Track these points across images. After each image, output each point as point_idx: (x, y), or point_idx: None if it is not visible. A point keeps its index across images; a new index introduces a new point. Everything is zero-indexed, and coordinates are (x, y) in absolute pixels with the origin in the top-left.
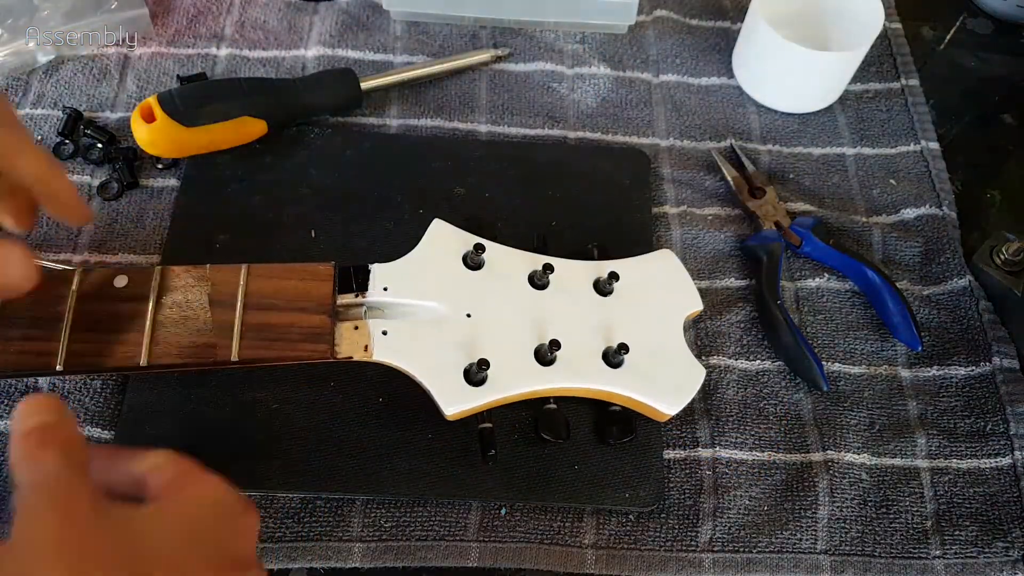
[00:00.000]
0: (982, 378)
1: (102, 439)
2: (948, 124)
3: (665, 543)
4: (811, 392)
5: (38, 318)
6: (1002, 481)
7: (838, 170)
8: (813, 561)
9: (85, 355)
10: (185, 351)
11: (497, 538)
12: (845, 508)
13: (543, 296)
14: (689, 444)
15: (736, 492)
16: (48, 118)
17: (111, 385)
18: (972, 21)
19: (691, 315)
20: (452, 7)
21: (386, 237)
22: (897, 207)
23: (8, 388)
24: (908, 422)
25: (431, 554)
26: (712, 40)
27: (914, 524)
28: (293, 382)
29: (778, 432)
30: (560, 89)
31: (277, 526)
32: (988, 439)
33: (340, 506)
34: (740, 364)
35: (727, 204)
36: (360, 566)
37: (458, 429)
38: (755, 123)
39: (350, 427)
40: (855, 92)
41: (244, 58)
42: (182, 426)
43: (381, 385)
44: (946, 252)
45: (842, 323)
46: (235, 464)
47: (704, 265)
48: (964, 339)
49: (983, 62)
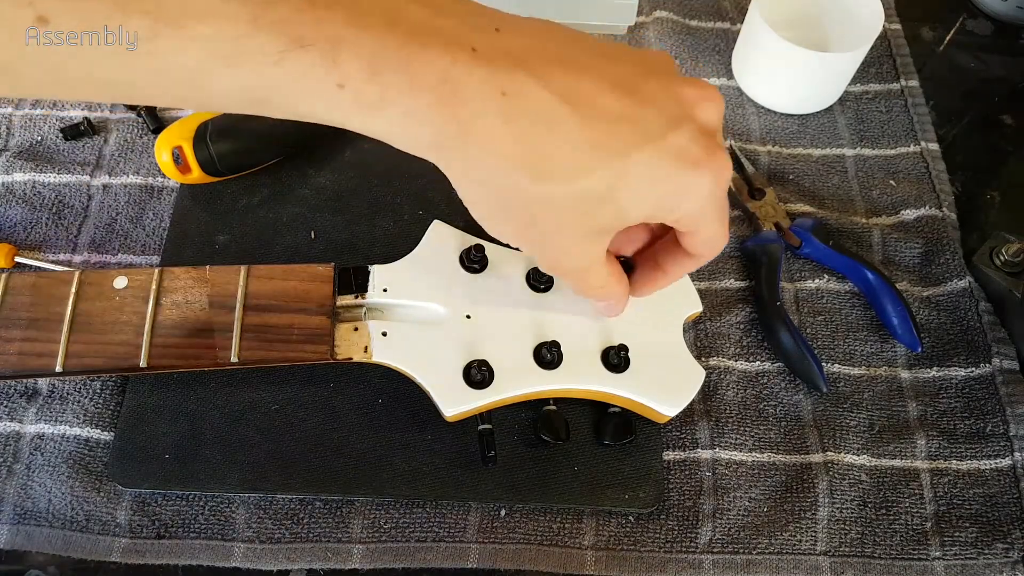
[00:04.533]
0: (982, 379)
1: (102, 440)
2: (948, 125)
3: (665, 544)
4: (811, 393)
5: (38, 319)
6: (1002, 482)
7: (838, 171)
8: (813, 562)
9: (85, 356)
10: (185, 352)
11: (497, 539)
12: (845, 509)
13: (542, 297)
14: (689, 445)
15: (736, 493)
16: (47, 118)
17: (111, 386)
18: (972, 22)
19: (691, 316)
20: None
21: (386, 238)
22: (897, 208)
23: (8, 389)
24: (908, 423)
25: (431, 555)
26: (712, 41)
27: (914, 525)
28: (293, 383)
29: (778, 433)
30: None
31: (276, 527)
32: (988, 440)
33: (340, 507)
34: (740, 365)
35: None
36: (360, 567)
37: (458, 430)
38: (755, 124)
39: (350, 428)
40: (855, 93)
41: None
42: (182, 426)
43: (381, 386)
44: (946, 253)
45: (842, 324)
46: (235, 465)
47: (704, 266)
48: (964, 340)
49: (983, 63)
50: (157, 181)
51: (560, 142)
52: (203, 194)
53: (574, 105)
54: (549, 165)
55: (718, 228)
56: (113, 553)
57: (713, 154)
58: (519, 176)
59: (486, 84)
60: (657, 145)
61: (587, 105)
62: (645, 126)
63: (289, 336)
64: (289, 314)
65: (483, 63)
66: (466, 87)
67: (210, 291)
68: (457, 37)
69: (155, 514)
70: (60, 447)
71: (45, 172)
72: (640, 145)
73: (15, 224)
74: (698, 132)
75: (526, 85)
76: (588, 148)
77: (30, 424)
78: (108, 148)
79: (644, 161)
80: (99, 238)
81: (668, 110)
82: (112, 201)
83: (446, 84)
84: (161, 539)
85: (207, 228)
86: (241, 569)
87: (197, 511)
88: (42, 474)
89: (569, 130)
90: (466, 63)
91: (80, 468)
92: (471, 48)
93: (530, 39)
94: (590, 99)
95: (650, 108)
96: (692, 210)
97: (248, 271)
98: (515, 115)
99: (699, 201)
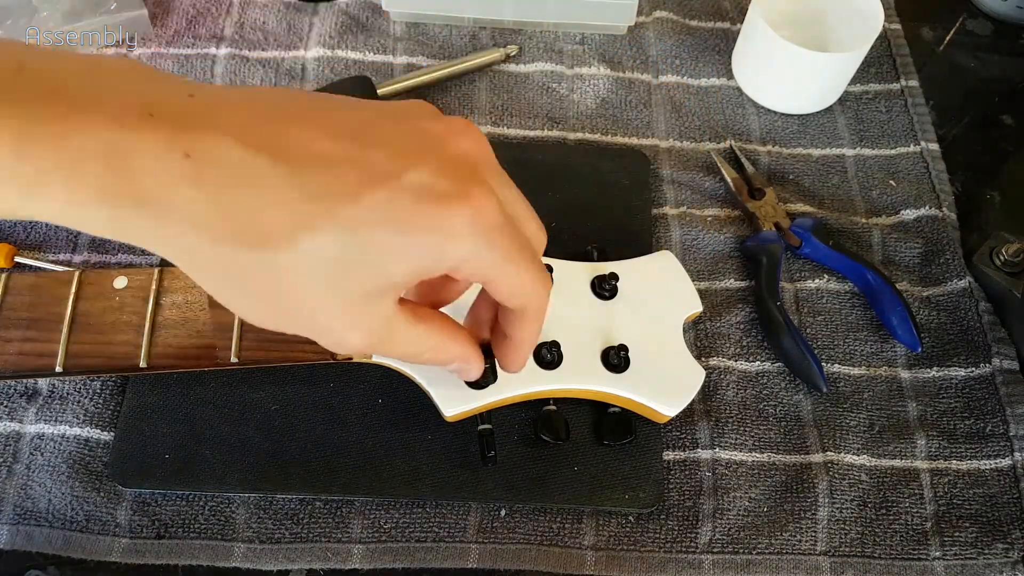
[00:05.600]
0: (982, 379)
1: (102, 440)
2: (948, 125)
3: (665, 544)
4: (811, 393)
5: (38, 319)
6: (1002, 482)
7: (838, 171)
8: (813, 562)
9: (85, 356)
10: (185, 352)
11: (496, 539)
12: (845, 509)
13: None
14: (689, 445)
15: (736, 493)
16: None
17: (111, 386)
18: (972, 22)
19: (691, 316)
20: (452, 8)
21: None
22: (897, 208)
23: (8, 389)
24: (908, 423)
25: (430, 555)
26: (712, 41)
27: (914, 525)
28: (293, 383)
29: (778, 433)
30: (560, 90)
31: (276, 527)
32: (988, 440)
33: (339, 507)
34: (740, 365)
35: (727, 205)
36: (359, 567)
37: (457, 430)
38: (755, 124)
39: (349, 428)
40: (855, 93)
41: (244, 59)
42: (182, 427)
43: (380, 386)
44: (946, 253)
45: (842, 324)
46: (234, 465)
47: (704, 266)
48: (964, 340)
49: (983, 63)
50: None
51: (264, 199)
52: None
53: (277, 156)
54: (259, 228)
55: (512, 272)
56: (113, 553)
57: (466, 187)
58: (227, 245)
59: (166, 149)
60: (390, 185)
61: (296, 154)
62: (373, 167)
63: (289, 336)
64: None
65: (161, 127)
66: (140, 155)
67: None
68: (132, 106)
69: (155, 514)
70: (60, 447)
71: None
72: (369, 186)
73: (15, 224)
74: (446, 166)
75: (215, 143)
76: (301, 200)
77: (30, 424)
78: None
79: (377, 205)
80: (99, 238)
81: (404, 148)
82: None
83: (114, 155)
84: (161, 539)
85: None
86: (241, 569)
87: (197, 511)
88: (42, 474)
89: (274, 184)
90: (137, 129)
91: (80, 468)
92: (148, 115)
93: (235, 100)
94: (301, 147)
95: (380, 148)
96: (464, 255)
97: None
98: (204, 177)
99: (465, 243)
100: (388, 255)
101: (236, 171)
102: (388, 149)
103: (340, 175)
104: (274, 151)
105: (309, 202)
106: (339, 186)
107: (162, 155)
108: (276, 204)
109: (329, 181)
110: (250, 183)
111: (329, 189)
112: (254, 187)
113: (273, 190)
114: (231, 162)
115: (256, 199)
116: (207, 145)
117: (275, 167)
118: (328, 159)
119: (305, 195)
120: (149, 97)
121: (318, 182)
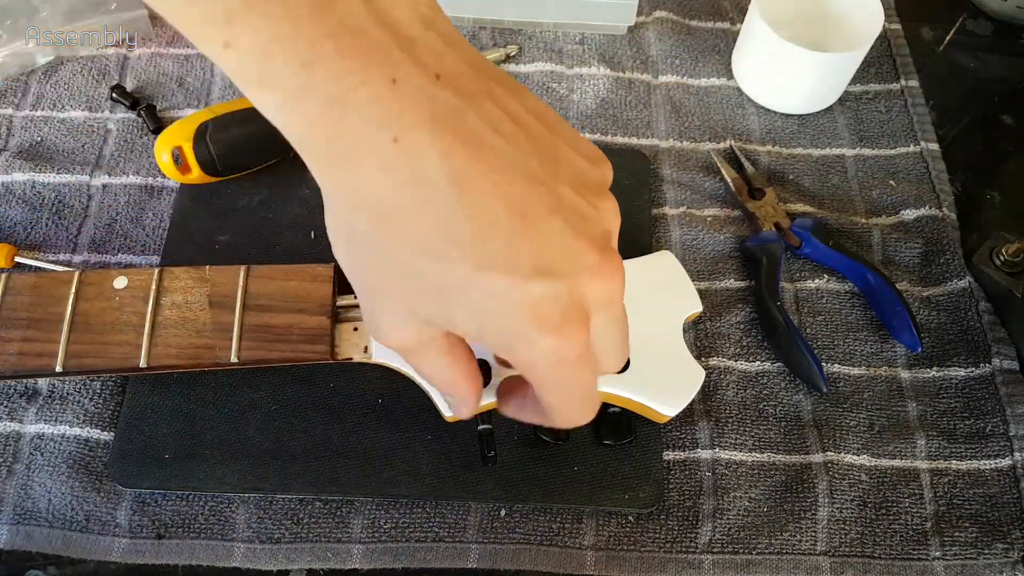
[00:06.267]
0: (982, 379)
1: (102, 440)
2: (948, 125)
3: (665, 544)
4: (811, 393)
5: (38, 319)
6: (1002, 482)
7: (838, 171)
8: (813, 562)
9: (85, 356)
10: (185, 352)
11: (496, 539)
12: (845, 509)
13: None
14: (689, 445)
15: (736, 493)
16: (48, 120)
17: (111, 386)
18: (972, 22)
19: (691, 316)
20: (452, 7)
21: None
22: (897, 208)
23: (8, 389)
24: (908, 423)
25: (430, 555)
26: (712, 41)
27: (914, 525)
28: (293, 383)
29: (778, 433)
30: (559, 90)
31: (276, 527)
32: (988, 440)
33: (339, 507)
34: (740, 365)
35: (727, 205)
36: (359, 567)
37: (457, 431)
38: (755, 124)
39: (349, 428)
40: (855, 93)
41: None
42: (182, 427)
43: (380, 386)
44: (946, 253)
45: (842, 324)
46: (234, 465)
47: (704, 266)
48: (964, 340)
49: (983, 63)
50: (157, 181)
51: (423, 218)
52: (203, 194)
53: (461, 191)
54: (400, 228)
55: (559, 402)
56: (113, 553)
57: (567, 327)
58: (361, 218)
59: (382, 123)
60: (513, 281)
61: (473, 203)
62: (516, 257)
63: (289, 336)
64: (289, 314)
65: (393, 100)
66: (358, 119)
67: (210, 291)
68: (386, 58)
69: (155, 514)
70: (60, 447)
71: (45, 172)
72: (497, 271)
73: (15, 224)
74: (567, 297)
75: (422, 148)
76: (444, 239)
77: (30, 424)
78: (108, 148)
79: (490, 287)
80: (99, 238)
81: (549, 256)
82: (112, 201)
83: (336, 106)
84: (161, 539)
85: (207, 228)
86: (241, 569)
87: (197, 511)
88: (42, 474)
89: (439, 212)
90: (373, 95)
91: (80, 468)
92: (391, 79)
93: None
94: (480, 199)
95: (531, 243)
96: (529, 366)
97: (248, 271)
98: (393, 165)
99: (539, 365)
100: (465, 314)
101: (422, 183)
102: (535, 247)
103: (485, 244)
104: (461, 184)
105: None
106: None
107: (375, 129)
108: (427, 226)
109: (475, 242)
110: (425, 199)
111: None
112: (426, 204)
113: (435, 215)
114: (423, 174)
115: (418, 212)
116: (414, 146)
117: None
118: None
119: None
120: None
121: (468, 235)
